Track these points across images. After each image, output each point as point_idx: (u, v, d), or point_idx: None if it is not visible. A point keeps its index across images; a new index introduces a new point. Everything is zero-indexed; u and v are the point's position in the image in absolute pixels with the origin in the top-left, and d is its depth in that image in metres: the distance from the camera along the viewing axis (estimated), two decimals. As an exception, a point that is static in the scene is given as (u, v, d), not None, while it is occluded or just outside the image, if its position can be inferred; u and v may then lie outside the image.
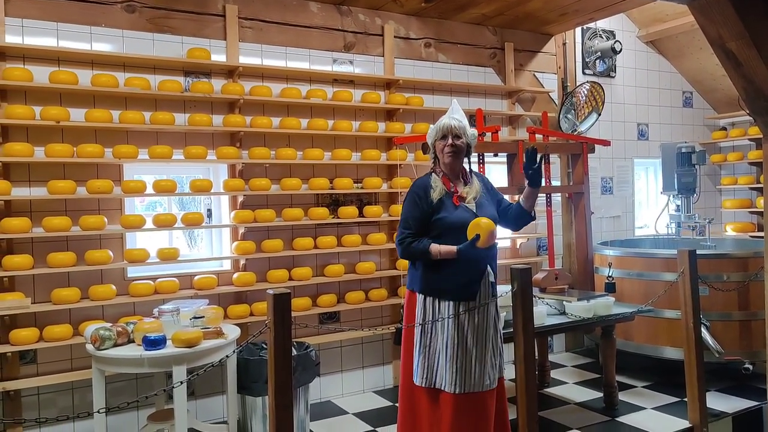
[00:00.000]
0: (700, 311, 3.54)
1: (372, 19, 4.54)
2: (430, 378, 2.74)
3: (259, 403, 3.46)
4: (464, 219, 2.70)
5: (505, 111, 5.12)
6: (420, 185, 2.82)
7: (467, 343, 2.69)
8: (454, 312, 2.70)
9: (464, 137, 2.81)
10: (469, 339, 2.70)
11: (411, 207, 2.78)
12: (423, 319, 2.75)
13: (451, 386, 2.67)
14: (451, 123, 2.79)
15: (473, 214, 2.73)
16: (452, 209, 2.75)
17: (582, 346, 5.52)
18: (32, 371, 3.42)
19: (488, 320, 2.75)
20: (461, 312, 2.70)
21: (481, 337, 2.72)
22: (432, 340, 2.75)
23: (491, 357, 2.74)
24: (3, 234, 3.25)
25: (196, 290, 3.76)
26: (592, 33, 5.65)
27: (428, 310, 2.76)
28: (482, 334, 2.73)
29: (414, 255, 2.75)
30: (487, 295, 2.75)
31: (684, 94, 6.38)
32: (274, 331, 2.14)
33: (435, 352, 2.74)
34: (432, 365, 2.74)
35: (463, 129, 2.81)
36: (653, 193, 6.33)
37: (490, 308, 2.77)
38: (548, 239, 4.39)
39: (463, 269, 2.70)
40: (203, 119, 3.79)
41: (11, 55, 3.40)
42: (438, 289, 2.74)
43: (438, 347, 2.73)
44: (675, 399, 4.11)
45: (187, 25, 3.88)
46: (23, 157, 3.29)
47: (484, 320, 2.74)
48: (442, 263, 2.70)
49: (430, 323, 2.74)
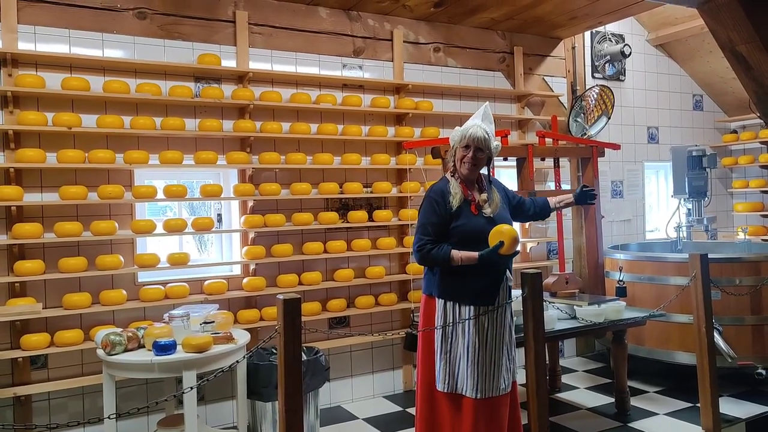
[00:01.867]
0: (712, 316, 3.51)
1: (381, 24, 4.55)
2: (452, 383, 2.73)
3: (269, 409, 3.46)
4: (483, 227, 2.68)
5: (515, 115, 5.11)
6: (437, 191, 2.77)
7: (487, 348, 2.70)
8: (474, 316, 2.69)
9: (488, 150, 2.75)
10: (489, 343, 2.70)
11: (429, 213, 2.74)
12: (444, 324, 2.74)
13: (472, 391, 2.67)
14: (478, 134, 2.71)
15: (492, 221, 2.72)
16: (471, 217, 2.73)
17: (593, 350, 5.48)
18: (43, 376, 3.43)
19: (505, 324, 2.77)
20: (481, 315, 2.69)
21: (498, 341, 2.73)
22: (453, 345, 2.74)
23: (506, 361, 2.75)
24: (15, 239, 3.27)
25: (206, 295, 3.77)
26: (602, 37, 5.63)
27: (449, 314, 2.74)
28: (500, 338, 2.73)
29: (434, 261, 2.71)
30: (504, 299, 2.76)
31: (694, 98, 6.35)
32: (284, 336, 2.13)
33: (456, 357, 2.73)
34: (453, 370, 2.73)
35: (488, 142, 2.74)
36: (664, 196, 6.29)
37: (507, 312, 2.78)
38: (558, 243, 4.37)
39: (483, 274, 2.69)
40: (213, 124, 3.81)
41: (24, 62, 3.43)
42: (458, 293, 2.72)
43: (459, 352, 2.72)
44: (687, 404, 4.07)
45: (198, 32, 3.91)
46: (35, 162, 3.32)
47: (502, 324, 2.75)
48: (462, 268, 2.68)
49: (451, 328, 2.72)
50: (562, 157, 4.67)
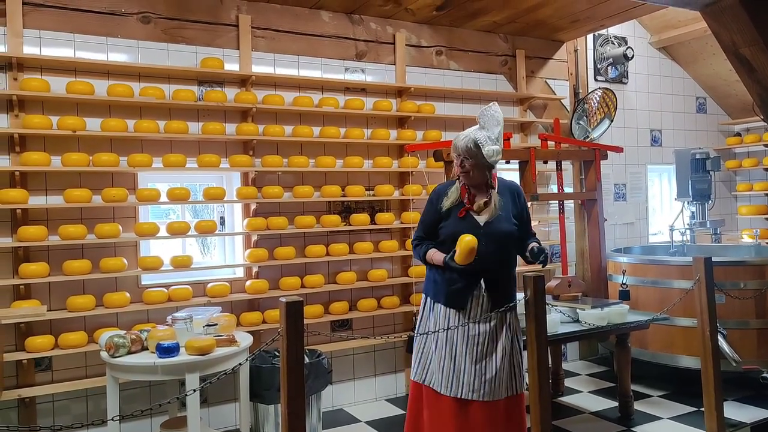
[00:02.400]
0: (716, 319, 3.50)
1: (383, 27, 4.56)
2: (423, 374, 2.81)
3: (272, 411, 3.46)
4: (461, 231, 2.68)
5: (517, 118, 5.11)
6: (436, 191, 2.87)
7: (456, 349, 2.72)
8: (445, 316, 2.76)
9: (476, 158, 2.69)
10: (458, 345, 2.72)
11: (425, 211, 2.88)
12: (421, 319, 2.87)
13: (440, 386, 2.73)
14: (458, 144, 2.72)
15: (477, 226, 2.72)
16: (454, 219, 2.76)
17: (596, 354, 5.47)
18: (47, 378, 3.45)
19: (489, 332, 2.72)
20: (452, 317, 2.74)
21: (473, 346, 2.71)
22: (428, 340, 2.82)
23: (493, 369, 2.70)
24: (20, 242, 3.29)
25: (209, 298, 3.78)
26: (604, 39, 5.63)
27: (427, 311, 2.86)
28: (476, 344, 2.71)
29: (417, 257, 2.87)
30: (483, 306, 2.73)
31: (698, 100, 6.34)
32: (287, 339, 2.14)
33: (429, 351, 2.82)
34: (425, 362, 2.82)
35: (472, 151, 2.69)
36: (667, 199, 6.28)
37: (493, 320, 2.73)
38: (561, 246, 4.36)
39: (454, 278, 2.73)
40: (216, 128, 3.82)
41: (29, 66, 3.46)
42: (434, 293, 2.82)
43: (432, 347, 2.80)
44: (692, 409, 4.05)
45: (201, 35, 3.93)
46: (40, 166, 3.34)
47: (482, 332, 2.71)
48: (441, 269, 2.76)
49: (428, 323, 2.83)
50: (564, 160, 4.67)
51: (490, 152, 2.68)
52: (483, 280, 2.73)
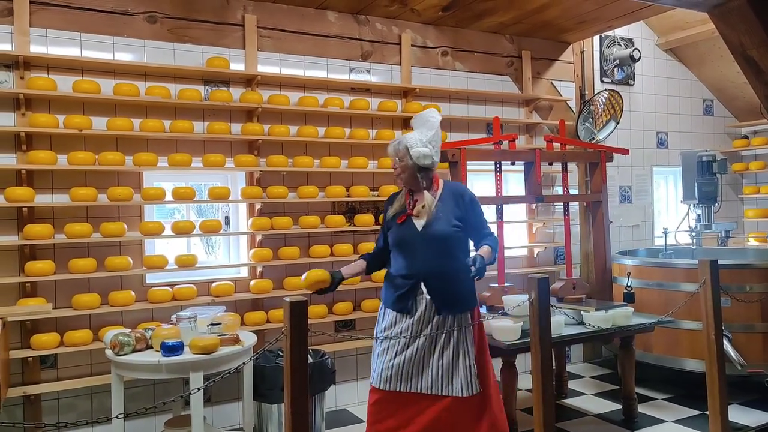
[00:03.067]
0: (721, 322, 3.48)
1: (389, 28, 4.56)
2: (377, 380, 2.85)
3: (275, 411, 3.47)
4: (402, 237, 2.79)
5: (522, 119, 5.10)
6: (388, 200, 2.97)
7: (397, 349, 2.79)
8: (391, 320, 2.83)
9: (407, 159, 2.76)
10: (409, 347, 2.76)
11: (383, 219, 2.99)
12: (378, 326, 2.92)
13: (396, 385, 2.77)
14: (388, 150, 2.84)
15: (415, 230, 2.78)
16: (396, 226, 2.84)
17: (600, 356, 5.45)
18: (52, 376, 3.46)
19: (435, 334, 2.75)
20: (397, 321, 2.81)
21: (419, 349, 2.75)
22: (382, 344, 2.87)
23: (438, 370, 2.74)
24: (26, 240, 3.31)
25: (214, 297, 3.79)
26: (611, 41, 5.62)
27: (381, 317, 2.92)
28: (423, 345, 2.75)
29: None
30: (426, 311, 2.75)
31: (704, 102, 6.31)
32: (291, 339, 2.14)
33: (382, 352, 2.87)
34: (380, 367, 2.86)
35: (404, 152, 2.76)
36: (673, 202, 6.25)
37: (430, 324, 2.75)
38: (566, 248, 4.35)
39: (398, 283, 2.81)
40: (222, 127, 3.83)
41: (36, 65, 3.47)
42: (386, 298, 2.90)
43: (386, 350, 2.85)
44: (696, 412, 4.04)
45: (207, 35, 3.94)
46: (47, 164, 3.35)
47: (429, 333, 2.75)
48: (388, 275, 2.89)
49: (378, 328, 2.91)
50: (570, 162, 4.65)
51: (417, 154, 2.74)
52: (423, 283, 2.76)
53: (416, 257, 2.76)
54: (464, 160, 3.74)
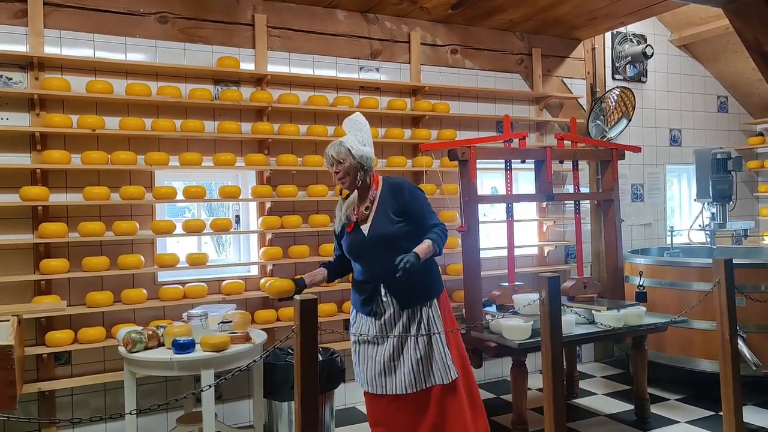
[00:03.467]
0: (736, 322, 3.44)
1: (398, 26, 4.56)
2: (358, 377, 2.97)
3: (285, 408, 3.48)
4: (353, 245, 2.85)
5: (533, 117, 5.08)
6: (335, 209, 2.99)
7: (375, 351, 2.86)
8: (360, 322, 2.91)
9: (348, 160, 2.78)
10: (373, 347, 2.86)
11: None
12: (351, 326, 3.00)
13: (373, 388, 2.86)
14: (329, 152, 2.81)
15: (363, 237, 2.83)
16: (347, 236, 2.89)
17: (611, 356, 5.41)
18: (67, 372, 3.51)
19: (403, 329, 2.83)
20: (365, 323, 2.89)
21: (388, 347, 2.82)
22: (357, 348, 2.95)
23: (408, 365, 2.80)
24: (41, 238, 3.35)
25: (224, 295, 3.81)
26: (623, 37, 5.57)
27: (351, 321, 3.00)
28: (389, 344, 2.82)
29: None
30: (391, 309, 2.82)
31: (719, 99, 6.24)
32: (301, 337, 2.15)
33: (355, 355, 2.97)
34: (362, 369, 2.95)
35: (345, 153, 2.78)
36: (686, 200, 6.19)
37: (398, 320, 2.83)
38: (577, 247, 4.33)
39: (359, 289, 2.90)
40: (232, 127, 3.86)
41: (50, 66, 3.52)
42: (354, 303, 2.99)
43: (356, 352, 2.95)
44: (710, 413, 4.00)
45: (217, 35, 3.96)
46: (61, 164, 3.39)
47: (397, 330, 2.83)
48: (352, 282, 2.97)
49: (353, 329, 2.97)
50: (581, 160, 4.62)
51: (359, 153, 2.79)
52: (382, 285, 2.82)
53: (370, 261, 2.83)
54: (474, 158, 3.73)
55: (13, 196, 3.37)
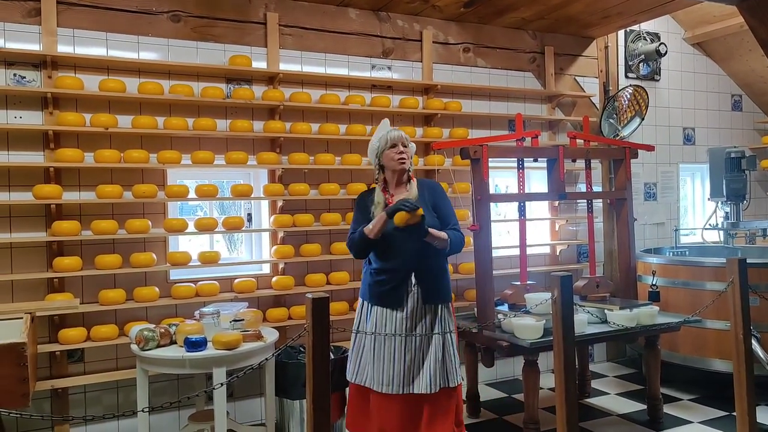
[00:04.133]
0: (750, 322, 3.41)
1: (410, 24, 4.55)
2: (361, 376, 2.89)
3: (297, 407, 3.49)
4: (388, 231, 2.80)
5: (545, 116, 5.05)
6: (360, 197, 3.01)
7: (394, 347, 2.81)
8: (381, 316, 2.85)
9: (409, 147, 2.95)
10: (396, 343, 2.81)
11: (354, 215, 2.99)
12: (358, 323, 2.94)
13: (378, 385, 2.81)
14: (397, 133, 2.92)
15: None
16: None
17: (624, 356, 5.38)
18: (79, 370, 3.53)
19: (423, 328, 2.83)
20: (388, 317, 2.84)
21: (410, 342, 2.81)
22: (365, 342, 2.89)
23: (427, 363, 2.80)
24: (54, 236, 3.37)
25: (236, 293, 3.82)
26: (636, 35, 5.52)
27: (363, 314, 2.95)
28: (411, 339, 2.81)
29: (356, 244, 2.89)
30: (416, 302, 2.83)
31: (733, 98, 6.17)
32: (313, 335, 2.15)
33: (365, 353, 2.89)
34: (363, 365, 2.89)
35: (407, 140, 2.94)
36: (700, 199, 6.13)
37: (422, 317, 2.83)
38: (589, 246, 4.30)
39: (386, 277, 2.85)
40: (244, 125, 3.86)
41: (63, 65, 3.54)
42: (369, 295, 2.93)
43: (367, 348, 2.88)
44: (723, 413, 3.96)
45: (229, 33, 3.97)
46: (74, 162, 3.41)
47: (418, 327, 2.83)
48: (373, 272, 2.90)
49: (364, 327, 2.91)
50: (593, 159, 4.59)
51: (413, 147, 3.02)
52: (413, 274, 2.83)
53: (404, 250, 2.82)
54: (486, 156, 3.72)
55: (26, 194, 3.40)
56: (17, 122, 3.42)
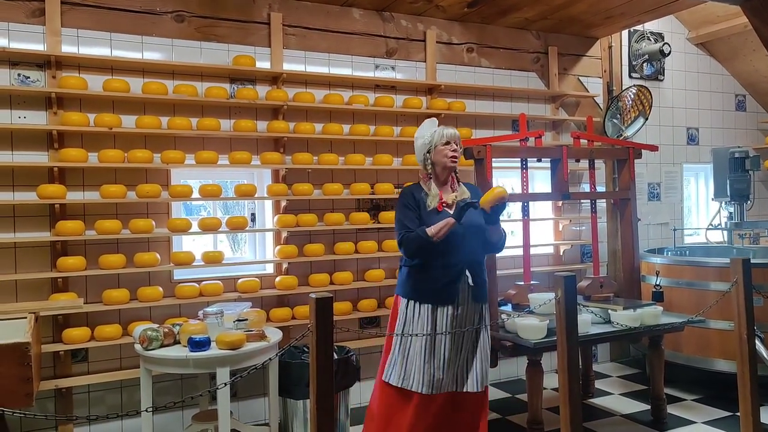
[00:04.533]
0: (754, 323, 3.40)
1: (414, 24, 4.54)
2: (407, 380, 2.81)
3: (300, 407, 3.49)
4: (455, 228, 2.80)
5: (549, 116, 5.05)
6: (409, 193, 2.92)
7: (444, 346, 2.77)
8: (432, 315, 2.79)
9: (460, 147, 2.96)
10: (447, 342, 2.77)
11: (405, 212, 2.88)
12: (404, 323, 2.85)
13: (424, 387, 2.76)
14: (453, 131, 2.91)
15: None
16: (435, 214, 2.83)
17: (627, 356, 5.37)
18: (83, 369, 3.53)
19: (469, 325, 2.83)
20: (439, 316, 2.79)
21: (459, 341, 2.80)
22: (411, 342, 2.82)
23: (473, 362, 2.82)
24: (58, 236, 3.38)
25: (240, 293, 3.83)
26: (640, 35, 5.51)
27: (409, 313, 2.85)
28: (460, 338, 2.80)
29: (415, 243, 2.77)
30: (467, 300, 2.82)
31: (737, 98, 6.16)
32: (316, 335, 2.15)
33: (413, 354, 2.82)
34: (409, 368, 2.81)
35: (459, 139, 2.95)
36: (704, 199, 6.12)
37: (473, 314, 2.84)
38: (593, 246, 4.29)
39: (441, 273, 2.78)
40: (248, 125, 3.86)
41: (67, 65, 3.54)
42: (418, 292, 2.83)
43: (416, 349, 2.81)
44: (727, 413, 3.95)
45: (233, 33, 3.97)
46: (78, 162, 3.42)
47: (463, 324, 2.82)
48: (421, 267, 2.80)
49: (409, 326, 2.82)
50: (597, 159, 4.58)
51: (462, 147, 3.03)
52: (468, 271, 2.81)
53: (460, 246, 2.80)
54: (490, 156, 3.71)
55: (30, 193, 3.41)
56: (21, 122, 3.43)
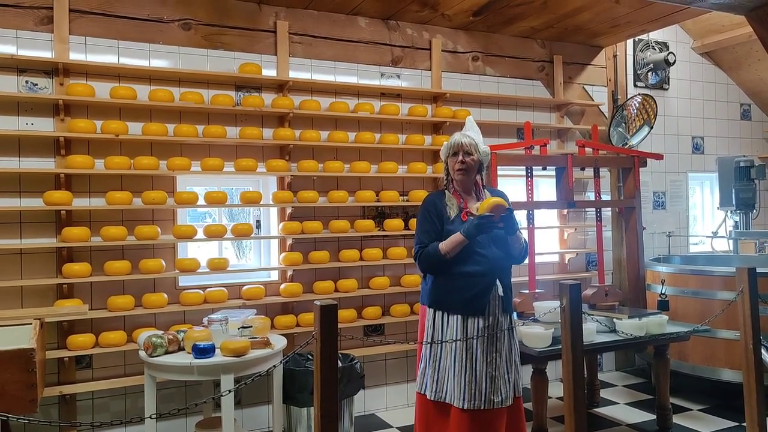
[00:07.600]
0: (760, 332, 3.38)
1: (420, 33, 4.56)
2: (440, 392, 2.76)
3: (304, 414, 3.48)
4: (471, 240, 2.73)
5: (554, 124, 5.05)
6: (431, 201, 2.85)
7: (476, 359, 2.70)
8: (462, 326, 2.72)
9: (475, 154, 2.82)
10: (478, 354, 2.70)
11: (423, 222, 2.83)
12: (432, 334, 2.78)
13: (459, 401, 2.69)
14: (461, 140, 2.81)
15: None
16: (459, 224, 2.77)
17: (633, 365, 5.34)
18: (88, 376, 3.53)
19: (500, 336, 2.75)
20: (470, 326, 2.72)
21: (491, 353, 2.72)
22: (441, 354, 2.77)
23: (505, 374, 2.74)
24: (64, 242, 3.39)
25: (245, 300, 3.83)
26: (645, 45, 5.52)
27: (437, 324, 2.78)
28: (492, 349, 2.72)
29: (428, 260, 2.75)
30: (497, 310, 2.76)
31: (742, 107, 6.16)
32: (321, 342, 2.14)
33: (444, 366, 2.76)
34: (441, 379, 2.76)
35: (475, 146, 2.82)
36: (709, 208, 6.10)
37: (502, 324, 2.77)
38: (598, 255, 4.28)
39: (470, 283, 2.72)
40: (254, 132, 3.88)
41: (75, 72, 3.57)
42: (446, 302, 2.76)
43: (447, 362, 2.75)
44: (733, 424, 3.92)
45: (240, 41, 3.99)
46: (84, 168, 3.43)
47: (495, 335, 2.73)
48: (450, 277, 2.74)
49: (439, 337, 2.76)
50: (602, 167, 4.59)
51: (485, 151, 2.87)
52: (498, 280, 2.76)
53: (487, 254, 2.73)
54: (495, 165, 3.72)
55: (37, 200, 3.42)
56: (29, 129, 3.45)
